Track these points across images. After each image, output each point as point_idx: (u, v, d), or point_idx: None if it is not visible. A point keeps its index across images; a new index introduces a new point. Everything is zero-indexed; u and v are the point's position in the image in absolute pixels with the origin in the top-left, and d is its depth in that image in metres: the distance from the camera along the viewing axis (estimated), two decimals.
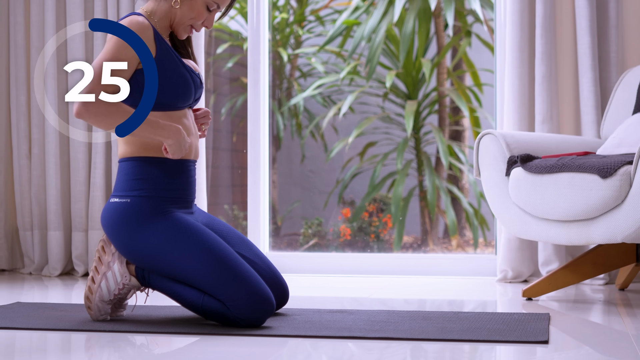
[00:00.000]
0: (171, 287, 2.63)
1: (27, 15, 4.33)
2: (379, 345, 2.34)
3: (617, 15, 3.86)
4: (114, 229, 2.63)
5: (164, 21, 2.74)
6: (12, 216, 4.42)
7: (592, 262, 3.27)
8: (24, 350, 2.34)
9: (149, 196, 2.63)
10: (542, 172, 3.12)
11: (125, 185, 2.66)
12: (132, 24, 2.64)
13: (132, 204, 2.62)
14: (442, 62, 5.58)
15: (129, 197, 2.64)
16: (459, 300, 3.17)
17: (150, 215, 2.61)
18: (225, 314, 2.55)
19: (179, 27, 2.75)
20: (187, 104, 2.72)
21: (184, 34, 2.76)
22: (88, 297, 2.64)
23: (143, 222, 2.60)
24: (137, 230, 2.60)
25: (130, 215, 2.61)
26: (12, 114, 4.33)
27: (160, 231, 2.59)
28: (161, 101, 2.65)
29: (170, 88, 2.65)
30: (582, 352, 2.30)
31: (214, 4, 2.71)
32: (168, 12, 2.72)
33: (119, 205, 2.64)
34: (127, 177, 2.66)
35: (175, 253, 2.57)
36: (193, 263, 2.56)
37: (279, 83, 5.81)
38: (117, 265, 2.65)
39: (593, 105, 3.80)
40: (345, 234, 5.45)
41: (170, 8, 2.71)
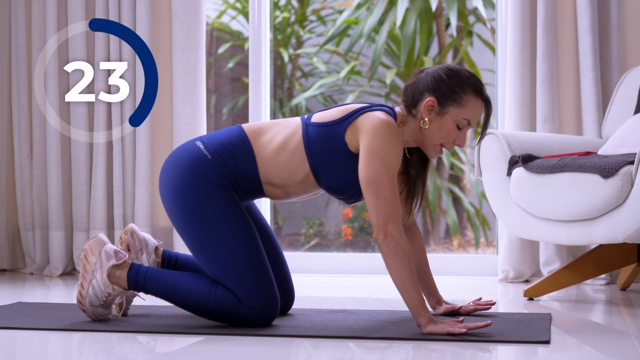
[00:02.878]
0: (172, 286, 2.56)
1: (29, 15, 4.33)
2: (381, 345, 2.34)
3: (618, 15, 3.86)
4: (181, 167, 2.55)
5: (411, 136, 2.58)
6: (13, 216, 4.42)
7: (593, 262, 3.27)
8: (26, 351, 2.35)
9: (228, 175, 2.55)
10: (544, 172, 3.12)
11: (221, 149, 2.55)
12: (390, 128, 2.47)
13: (211, 162, 2.54)
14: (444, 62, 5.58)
15: (212, 156, 2.55)
16: (460, 300, 3.16)
17: (220, 185, 2.53)
18: (235, 310, 2.51)
19: (428, 147, 2.57)
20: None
21: (433, 154, 2.58)
22: (80, 301, 2.61)
23: (211, 184, 2.52)
24: (201, 185, 2.52)
25: (204, 169, 2.53)
26: (13, 113, 4.33)
27: (219, 201, 2.51)
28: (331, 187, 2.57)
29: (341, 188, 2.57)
30: (584, 352, 2.30)
31: (464, 121, 2.53)
32: (417, 130, 2.56)
33: (201, 153, 2.55)
34: (229, 149, 2.56)
35: (222, 226, 2.51)
36: (231, 245, 2.50)
37: (280, 83, 5.81)
38: (99, 275, 2.57)
39: (594, 105, 3.80)
40: (347, 234, 5.45)
41: (419, 127, 2.55)
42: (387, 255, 2.40)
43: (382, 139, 2.45)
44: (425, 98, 2.53)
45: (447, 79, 2.52)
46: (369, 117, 2.50)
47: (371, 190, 2.42)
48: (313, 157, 2.53)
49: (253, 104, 4.33)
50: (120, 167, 4.20)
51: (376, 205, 2.41)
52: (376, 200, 2.41)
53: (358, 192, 2.57)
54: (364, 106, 2.55)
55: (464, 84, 2.52)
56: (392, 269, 2.40)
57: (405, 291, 2.40)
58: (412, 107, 2.56)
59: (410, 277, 2.40)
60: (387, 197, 2.41)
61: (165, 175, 2.61)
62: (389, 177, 2.42)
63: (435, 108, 2.52)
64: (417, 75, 2.59)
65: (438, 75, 2.54)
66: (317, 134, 2.53)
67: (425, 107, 2.52)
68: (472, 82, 2.53)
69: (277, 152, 2.55)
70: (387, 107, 2.57)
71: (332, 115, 2.56)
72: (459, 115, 2.52)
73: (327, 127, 2.54)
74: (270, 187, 2.58)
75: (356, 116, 2.52)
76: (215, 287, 2.53)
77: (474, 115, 2.54)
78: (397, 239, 2.39)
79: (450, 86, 2.52)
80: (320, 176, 2.54)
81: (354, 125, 2.51)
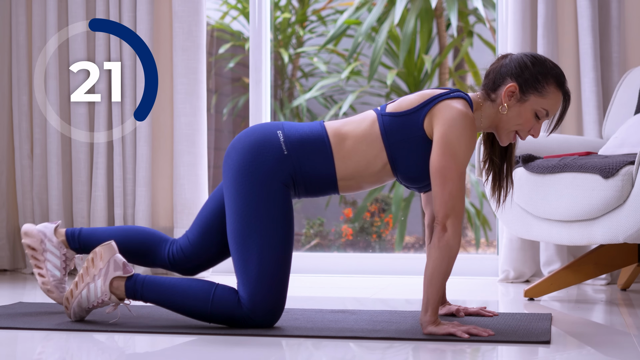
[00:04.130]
0: (170, 292, 2.54)
1: (29, 15, 4.33)
2: (381, 345, 2.34)
3: (619, 15, 3.86)
4: (255, 153, 2.50)
5: (487, 122, 2.55)
6: (14, 216, 4.42)
7: (594, 262, 3.27)
8: (26, 351, 2.35)
9: (299, 173, 2.51)
10: (544, 172, 3.12)
11: (299, 147, 2.50)
12: (467, 120, 2.43)
13: (286, 158, 2.49)
14: (444, 62, 5.58)
15: (288, 151, 2.49)
16: (461, 300, 3.17)
17: (285, 185, 2.49)
18: (233, 312, 2.49)
19: (502, 132, 2.55)
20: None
21: (506, 140, 2.56)
22: (67, 298, 2.60)
23: (277, 181, 2.48)
24: (268, 180, 2.48)
25: (276, 164, 2.48)
26: (14, 114, 4.33)
27: (278, 202, 2.48)
28: (408, 176, 2.54)
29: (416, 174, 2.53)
30: (584, 352, 2.30)
31: (544, 111, 2.50)
32: (494, 116, 2.53)
33: (279, 146, 2.50)
34: (308, 148, 2.50)
35: (269, 228, 2.47)
36: (268, 247, 2.46)
37: (281, 83, 5.81)
38: (100, 282, 2.55)
39: (595, 105, 3.80)
40: (347, 234, 5.45)
41: (497, 113, 2.52)
42: (435, 246, 2.40)
43: (457, 132, 2.42)
44: (507, 83, 2.50)
45: (531, 66, 2.49)
46: (448, 106, 2.46)
47: (439, 182, 2.41)
48: (391, 148, 2.50)
49: (253, 104, 4.33)
50: (120, 167, 4.20)
51: (441, 197, 2.41)
52: (442, 192, 2.41)
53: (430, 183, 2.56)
54: (442, 93, 2.51)
55: (547, 74, 2.49)
56: (432, 259, 2.40)
57: (430, 285, 2.40)
58: (492, 92, 2.53)
59: (442, 275, 2.40)
60: (453, 191, 2.40)
61: (236, 151, 2.55)
62: (458, 171, 2.41)
63: (516, 94, 2.49)
64: (500, 60, 2.56)
65: (523, 61, 2.51)
66: (395, 124, 2.50)
67: (507, 92, 2.49)
68: (556, 73, 2.50)
69: (354, 146, 2.52)
70: (463, 94, 2.53)
71: (408, 103, 2.52)
72: (539, 104, 2.49)
73: (404, 117, 2.50)
74: (344, 182, 2.55)
75: (434, 103, 2.48)
76: (213, 289, 2.51)
77: (553, 106, 2.51)
78: (450, 237, 2.39)
79: (534, 74, 2.49)
80: (397, 166, 2.51)
81: (431, 112, 2.47)
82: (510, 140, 2.56)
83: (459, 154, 2.41)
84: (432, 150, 2.44)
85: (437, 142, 2.43)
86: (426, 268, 2.41)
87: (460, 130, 2.42)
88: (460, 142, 2.42)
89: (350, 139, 2.52)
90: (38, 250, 2.73)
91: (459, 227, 2.41)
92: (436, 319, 2.40)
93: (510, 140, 2.56)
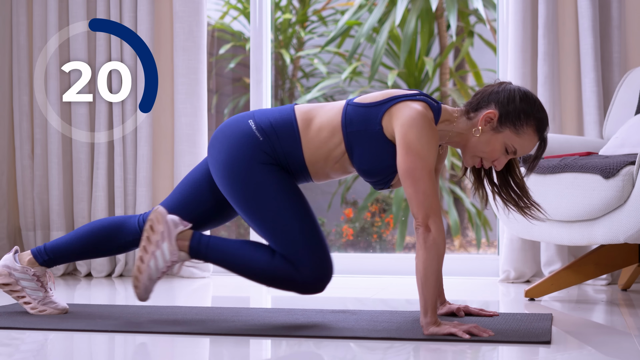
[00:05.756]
0: (234, 254, 2.60)
1: (30, 16, 4.33)
2: (382, 345, 2.34)
3: (619, 15, 3.86)
4: (232, 145, 2.58)
5: (455, 137, 2.55)
6: (14, 216, 4.42)
7: (594, 263, 3.27)
8: (26, 351, 2.35)
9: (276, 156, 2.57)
10: (545, 172, 3.12)
11: (270, 131, 2.57)
12: (425, 120, 2.45)
13: (262, 143, 2.56)
14: (445, 62, 5.58)
15: (263, 137, 2.56)
16: (462, 300, 3.17)
17: (269, 164, 2.56)
18: (293, 277, 2.55)
19: (467, 153, 2.55)
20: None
21: (470, 162, 2.56)
22: (137, 276, 2.60)
23: (261, 164, 2.56)
24: (251, 166, 2.55)
25: (255, 151, 2.56)
26: (14, 114, 4.33)
27: (270, 179, 2.55)
28: (362, 168, 2.58)
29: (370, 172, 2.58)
30: (585, 352, 2.30)
31: (513, 148, 2.49)
32: (464, 133, 2.53)
33: (253, 134, 2.57)
34: (277, 131, 2.57)
35: (274, 203, 2.54)
36: (285, 219, 2.54)
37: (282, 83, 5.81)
38: (167, 243, 2.59)
39: (595, 105, 3.80)
40: (348, 234, 5.45)
41: (468, 132, 2.52)
42: (422, 247, 2.40)
43: (415, 131, 2.43)
44: (489, 109, 2.50)
45: (519, 101, 2.49)
46: (406, 106, 2.48)
47: (409, 183, 2.42)
48: (348, 137, 2.53)
49: (254, 105, 4.33)
50: (121, 168, 4.20)
51: (416, 199, 2.41)
52: (415, 193, 2.41)
53: (388, 178, 2.58)
54: (406, 94, 2.53)
55: (530, 115, 2.48)
56: (422, 261, 2.40)
57: (425, 287, 2.40)
58: (472, 111, 2.54)
59: (434, 275, 2.40)
60: (426, 191, 2.41)
61: (215, 150, 2.62)
62: (425, 170, 2.42)
63: (492, 122, 2.50)
64: (494, 84, 2.57)
65: (513, 94, 2.50)
66: (356, 114, 2.54)
67: (485, 117, 2.50)
68: (539, 117, 2.49)
69: (318, 131, 2.57)
70: (431, 100, 2.55)
71: (373, 97, 2.56)
72: (511, 140, 2.49)
73: (366, 108, 2.53)
74: (313, 167, 2.60)
75: (394, 102, 2.51)
76: (274, 256, 2.57)
77: (524, 147, 2.51)
78: (435, 235, 2.40)
79: (518, 110, 2.48)
80: (353, 156, 2.55)
81: (390, 111, 2.50)
82: (474, 164, 2.57)
83: (422, 153, 2.42)
84: (397, 153, 2.46)
85: (400, 144, 2.45)
86: (417, 271, 2.42)
87: (419, 129, 2.44)
88: (420, 140, 2.43)
89: (316, 124, 2.58)
90: (11, 283, 2.77)
91: (441, 224, 2.42)
92: (436, 319, 2.40)
93: (473, 164, 2.57)
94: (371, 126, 2.52)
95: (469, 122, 2.53)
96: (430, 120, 2.47)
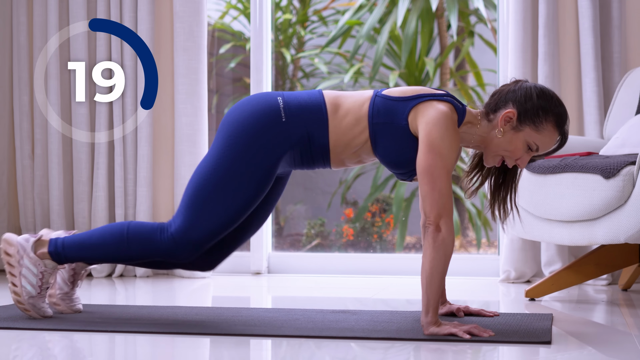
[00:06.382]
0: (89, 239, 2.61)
1: (30, 16, 4.33)
2: (382, 345, 2.34)
3: (620, 15, 3.86)
4: (254, 115, 2.55)
5: (478, 139, 2.56)
6: (14, 216, 4.42)
7: (595, 263, 3.27)
8: (27, 351, 2.35)
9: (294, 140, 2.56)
10: (545, 173, 3.12)
11: (297, 113, 2.55)
12: (450, 121, 2.46)
13: (283, 125, 2.54)
14: (445, 63, 5.58)
15: (286, 118, 2.55)
16: (462, 300, 3.17)
17: (277, 150, 2.54)
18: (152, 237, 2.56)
19: (488, 154, 2.55)
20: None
21: (491, 162, 2.56)
22: (19, 301, 2.64)
23: (271, 145, 2.53)
24: (261, 142, 2.53)
25: (273, 129, 2.53)
26: (15, 114, 4.33)
27: (262, 165, 2.53)
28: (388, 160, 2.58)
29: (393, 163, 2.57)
30: (585, 352, 2.30)
31: (535, 145, 2.49)
32: (486, 135, 2.54)
33: (278, 112, 2.55)
34: (306, 114, 2.55)
35: (241, 183, 2.52)
36: (229, 197, 2.53)
37: (282, 83, 5.81)
38: (26, 259, 2.61)
39: (596, 105, 3.80)
40: (348, 234, 5.45)
41: (490, 133, 2.53)
42: (431, 247, 2.40)
43: (440, 130, 2.44)
44: (507, 108, 2.51)
45: (536, 98, 2.49)
46: (433, 106, 2.49)
47: (427, 181, 2.42)
48: (374, 127, 2.53)
49: None
50: (121, 168, 4.20)
51: (431, 197, 2.42)
52: (431, 191, 2.42)
53: (411, 172, 2.58)
54: (436, 93, 2.53)
55: (549, 111, 2.49)
56: (429, 260, 2.40)
57: (429, 287, 2.40)
58: (491, 112, 2.54)
59: (440, 275, 2.41)
60: (442, 190, 2.41)
61: (238, 110, 2.60)
62: (445, 170, 2.42)
63: (512, 122, 2.50)
64: (510, 84, 2.57)
65: (529, 92, 2.51)
66: (384, 106, 2.54)
67: (504, 117, 2.50)
68: (558, 112, 2.49)
69: (345, 116, 2.56)
70: (457, 102, 2.55)
71: (402, 92, 2.56)
72: (532, 138, 2.49)
73: (394, 102, 2.54)
74: (334, 152, 2.59)
75: (423, 100, 2.51)
76: (127, 223, 2.60)
77: (546, 144, 2.51)
78: (445, 236, 2.40)
79: (536, 107, 2.49)
80: (377, 146, 2.55)
81: (417, 108, 2.50)
82: (495, 164, 2.56)
83: (443, 152, 2.43)
84: (419, 151, 2.47)
85: (422, 142, 2.46)
86: (423, 269, 2.42)
87: (443, 130, 2.44)
88: (443, 140, 2.44)
89: (343, 109, 2.57)
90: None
91: (451, 225, 2.43)
92: (437, 319, 2.41)
93: (494, 164, 2.56)
94: (397, 120, 2.52)
95: (489, 123, 2.54)
96: (455, 122, 2.48)
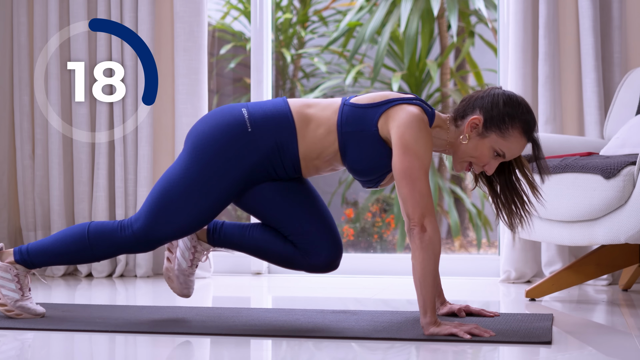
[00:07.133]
0: (52, 243, 2.64)
1: (30, 16, 4.33)
2: (383, 345, 2.34)
3: (620, 15, 3.86)
4: (220, 127, 2.56)
5: (445, 144, 2.57)
6: (15, 216, 4.42)
7: (595, 263, 3.27)
8: (27, 351, 2.35)
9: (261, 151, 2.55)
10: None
11: (263, 124, 2.55)
12: (422, 123, 2.46)
13: (249, 135, 2.55)
14: (446, 63, 5.59)
15: (252, 128, 2.55)
16: (462, 300, 3.17)
17: (243, 162, 2.55)
18: (113, 234, 2.60)
19: (456, 160, 2.57)
20: None
21: (459, 167, 2.57)
22: (8, 310, 2.67)
23: (238, 157, 2.55)
24: (228, 155, 2.54)
25: (239, 141, 2.54)
26: (15, 114, 4.33)
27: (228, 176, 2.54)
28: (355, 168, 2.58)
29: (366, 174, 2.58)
30: (585, 352, 2.30)
31: (502, 152, 2.50)
32: (452, 139, 2.55)
33: (243, 123, 2.55)
34: (272, 124, 2.55)
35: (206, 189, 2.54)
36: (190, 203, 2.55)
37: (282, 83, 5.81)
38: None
39: (596, 105, 3.80)
40: (349, 234, 5.45)
41: (457, 139, 2.54)
42: (419, 248, 2.41)
43: (413, 132, 2.44)
44: (474, 115, 2.52)
45: (502, 105, 2.50)
46: (403, 109, 2.50)
47: (406, 183, 2.43)
48: (343, 136, 2.54)
49: None
50: (122, 168, 4.20)
51: (412, 199, 2.42)
52: (412, 193, 2.42)
53: (379, 178, 2.59)
54: (403, 97, 2.54)
55: (515, 117, 2.49)
56: (419, 261, 2.41)
57: (422, 287, 2.41)
58: (459, 118, 2.55)
59: (431, 275, 2.41)
60: (422, 190, 2.42)
61: (202, 123, 2.61)
62: (422, 170, 2.43)
63: (478, 128, 2.51)
64: (481, 90, 2.58)
65: (497, 99, 2.51)
66: (352, 115, 2.54)
67: (470, 123, 2.51)
68: (525, 119, 2.50)
69: (315, 127, 2.56)
70: (426, 105, 2.56)
71: (370, 98, 2.56)
72: (498, 144, 2.50)
73: (362, 109, 2.54)
74: (305, 161, 2.59)
75: (392, 105, 2.52)
76: (88, 223, 2.64)
77: (512, 150, 2.52)
78: (431, 235, 2.40)
79: (502, 114, 2.49)
80: (346, 156, 2.55)
81: (387, 113, 2.51)
82: (463, 170, 2.57)
83: (419, 153, 2.43)
84: (394, 154, 2.47)
85: (396, 145, 2.46)
86: (415, 271, 2.42)
87: (416, 131, 2.45)
88: (418, 141, 2.44)
89: (313, 121, 2.57)
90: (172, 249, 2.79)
91: (436, 223, 2.43)
92: (436, 319, 2.41)
93: (462, 170, 2.58)
94: (367, 127, 2.53)
95: (457, 129, 2.56)
96: (426, 123, 2.49)
